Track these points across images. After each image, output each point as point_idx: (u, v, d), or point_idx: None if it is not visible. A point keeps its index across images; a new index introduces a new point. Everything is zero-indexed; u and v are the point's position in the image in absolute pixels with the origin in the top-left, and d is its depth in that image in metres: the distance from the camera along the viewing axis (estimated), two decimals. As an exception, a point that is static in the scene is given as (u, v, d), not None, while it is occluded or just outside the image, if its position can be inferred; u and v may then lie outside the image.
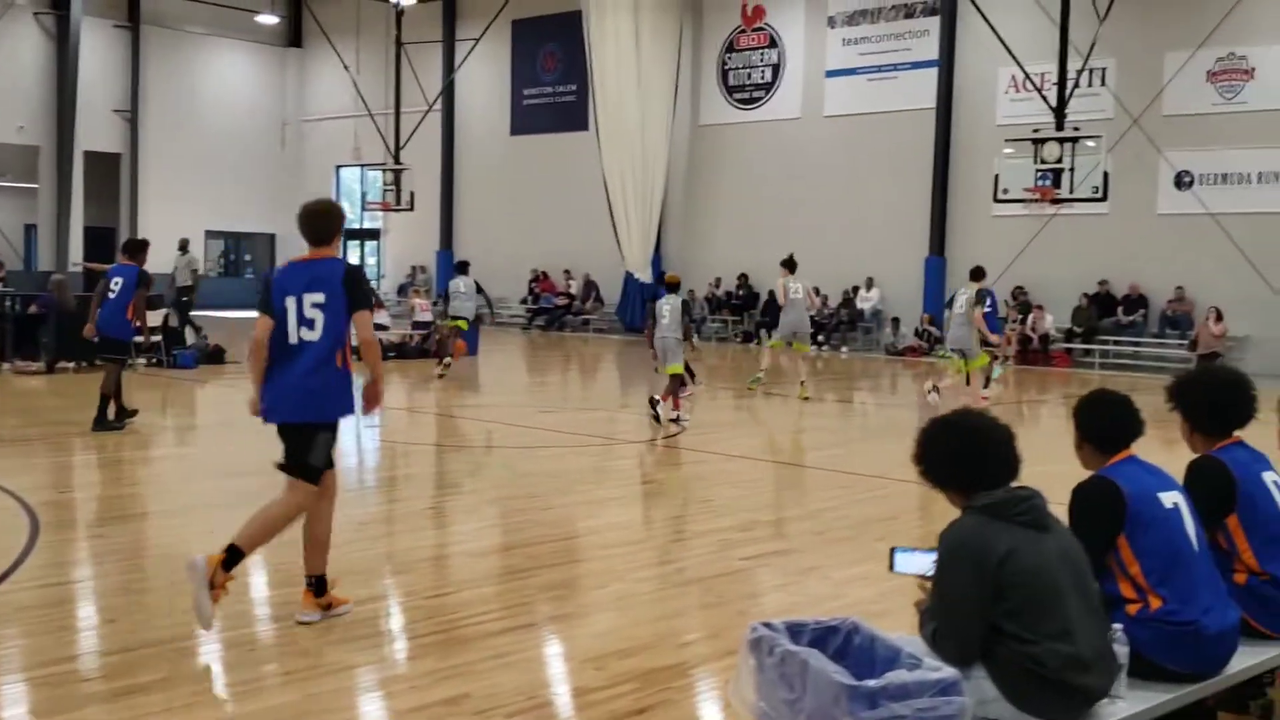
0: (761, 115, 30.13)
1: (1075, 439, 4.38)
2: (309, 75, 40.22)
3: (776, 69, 29.94)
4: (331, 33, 35.50)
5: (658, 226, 31.26)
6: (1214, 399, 4.62)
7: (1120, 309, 24.28)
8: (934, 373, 19.05)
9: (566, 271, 33.38)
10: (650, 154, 30.59)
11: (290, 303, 5.88)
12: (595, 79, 30.09)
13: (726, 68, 30.91)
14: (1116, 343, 24.15)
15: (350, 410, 5.99)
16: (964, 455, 3.70)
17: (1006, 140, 22.24)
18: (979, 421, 3.76)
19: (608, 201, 30.48)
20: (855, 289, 28.18)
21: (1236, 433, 4.64)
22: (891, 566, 4.04)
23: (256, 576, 6.82)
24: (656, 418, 14.21)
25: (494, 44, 34.09)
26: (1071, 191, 21.08)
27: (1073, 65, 21.98)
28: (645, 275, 31.22)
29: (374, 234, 39.31)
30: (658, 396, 14.42)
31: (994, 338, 16.69)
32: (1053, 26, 22.55)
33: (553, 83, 34.30)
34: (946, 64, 26.65)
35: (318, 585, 6.07)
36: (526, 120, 34.80)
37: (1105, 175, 20.68)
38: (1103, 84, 24.24)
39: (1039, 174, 21.28)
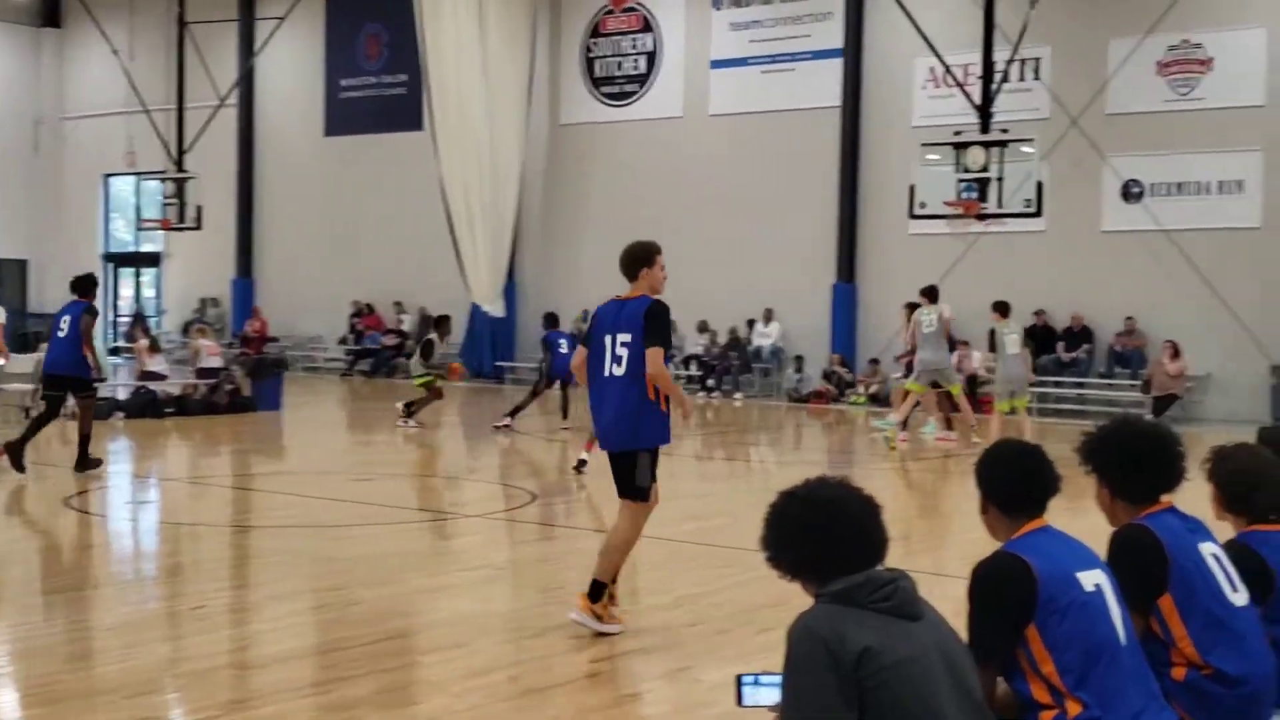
0: (635, 113, 30.37)
1: (979, 502, 4.39)
2: (70, 63, 39.36)
3: (652, 58, 30.23)
4: (97, 10, 34.70)
5: (510, 249, 31.21)
6: (1137, 458, 4.68)
7: (1061, 344, 24.90)
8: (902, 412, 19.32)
9: (397, 304, 33.09)
10: (500, 160, 30.56)
11: (607, 340, 8.09)
12: (430, 68, 30.01)
13: (592, 56, 31.11)
14: (1057, 384, 24.75)
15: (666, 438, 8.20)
16: (814, 534, 3.66)
17: (924, 144, 22.71)
18: (834, 493, 3.73)
19: (448, 219, 30.33)
20: (750, 323, 28.44)
21: (1165, 497, 4.70)
22: (739, 700, 3.99)
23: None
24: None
25: (303, 25, 33.79)
26: (1000, 205, 21.57)
27: (1000, 56, 22.55)
28: (496, 308, 31.11)
29: (153, 259, 38.48)
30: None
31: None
32: (976, 10, 23.15)
33: (377, 72, 34.13)
34: (853, 54, 27.19)
35: (594, 590, 8.04)
36: (345, 118, 34.51)
37: (1040, 185, 21.22)
38: (1036, 77, 24.97)
39: (962, 184, 21.74)
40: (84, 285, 14.93)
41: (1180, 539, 4.58)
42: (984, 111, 22.22)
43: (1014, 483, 4.35)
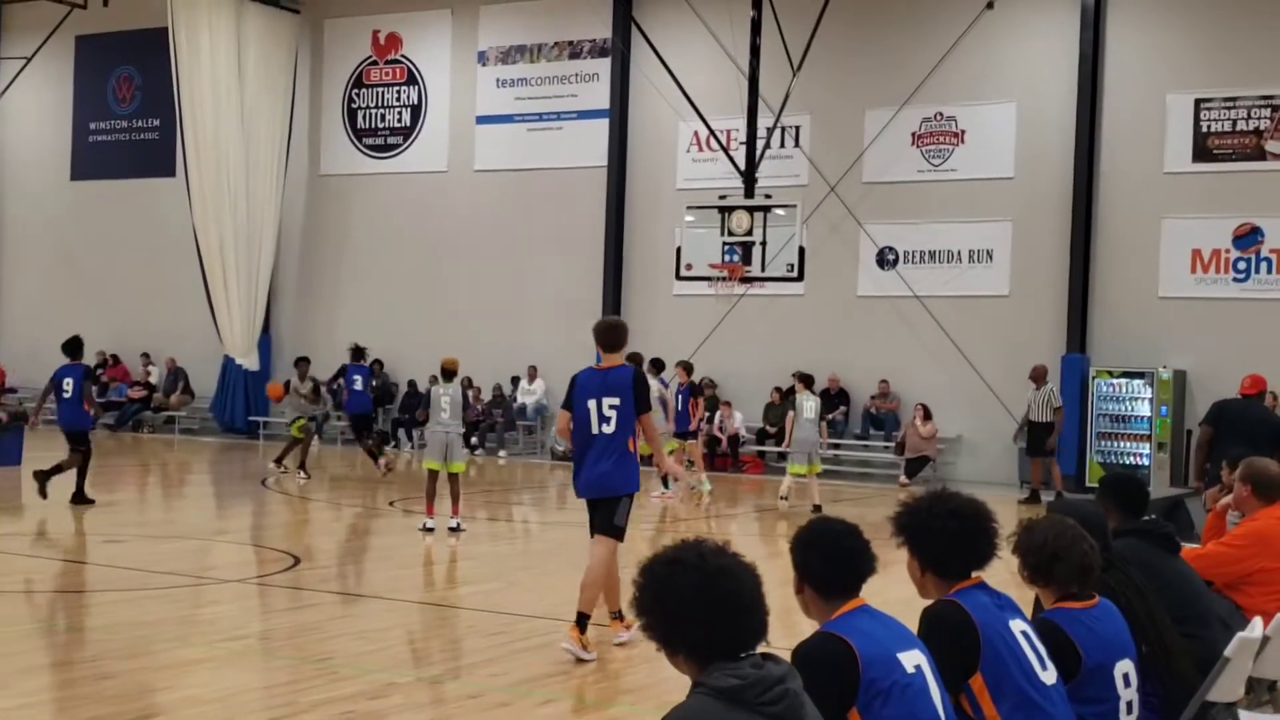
0: (399, 166, 29.98)
1: (794, 581, 4.25)
2: None
3: (417, 111, 29.92)
4: None
5: (266, 301, 30.36)
6: (949, 532, 4.62)
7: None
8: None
9: (145, 355, 31.81)
10: (257, 209, 29.76)
11: (591, 404, 9.36)
12: (185, 112, 29.08)
13: (354, 107, 30.62)
14: (814, 445, 25.11)
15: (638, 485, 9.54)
16: (704, 609, 3.39)
17: (690, 207, 22.97)
18: (725, 563, 3.47)
19: (201, 267, 29.36)
20: (515, 380, 28.22)
21: (976, 573, 4.66)
22: None
23: None
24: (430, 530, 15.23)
25: (51, 64, 32.50)
26: (764, 268, 21.94)
27: (763, 122, 23.04)
28: (250, 361, 30.17)
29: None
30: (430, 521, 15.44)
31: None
32: (739, 77, 23.60)
33: (129, 115, 32.96)
34: (619, 115, 27.39)
35: (580, 621, 9.30)
36: (93, 162, 33.18)
37: (801, 250, 21.65)
38: (796, 144, 25.54)
39: (726, 247, 22.05)
40: (74, 348, 17.87)
41: (991, 616, 4.53)
42: (748, 176, 22.62)
43: (833, 564, 4.23)
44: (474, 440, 27.63)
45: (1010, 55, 24.25)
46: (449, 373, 15.80)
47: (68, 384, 17.41)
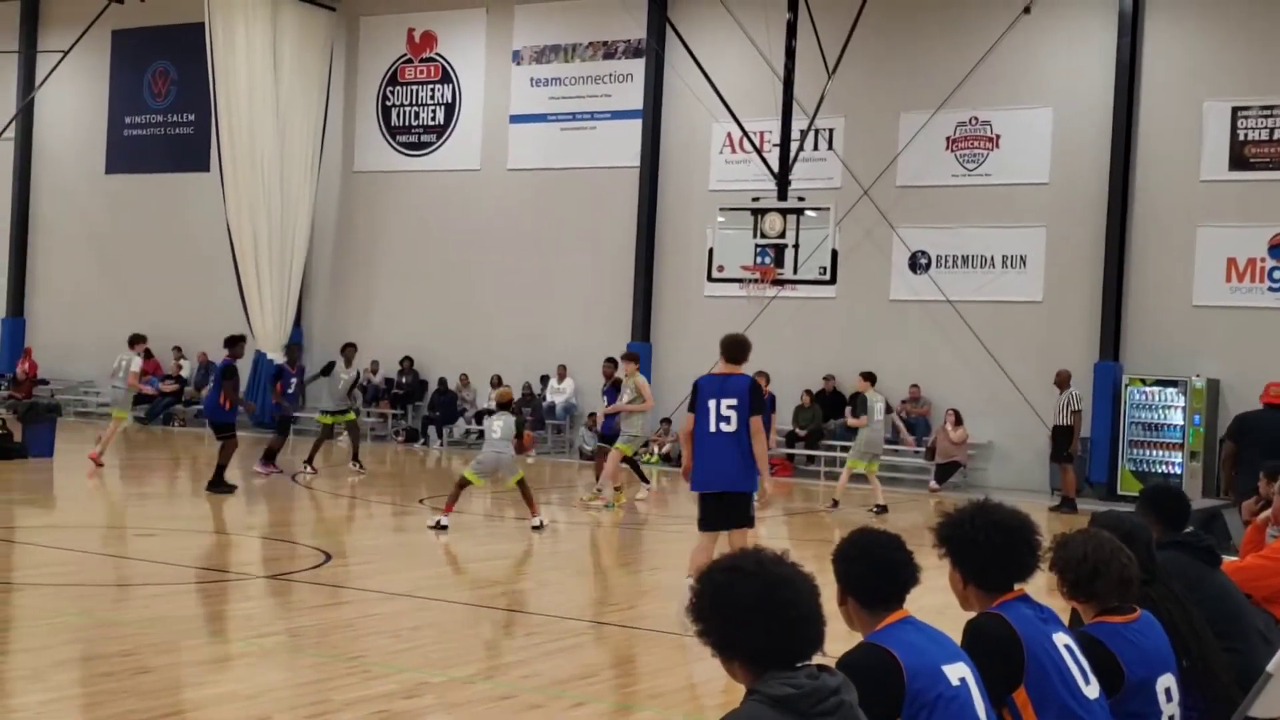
0: (432, 164, 30.03)
1: (837, 593, 4.24)
2: None
3: (451, 109, 29.97)
4: None
5: (299, 296, 30.45)
6: (993, 544, 4.59)
7: (848, 409, 25.25)
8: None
9: (177, 349, 31.95)
10: (290, 205, 29.85)
11: (711, 404, 10.39)
12: (220, 108, 29.18)
13: (389, 104, 30.69)
14: (844, 449, 25.05)
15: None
16: (763, 618, 3.40)
17: (723, 209, 22.93)
18: (785, 573, 3.48)
19: (234, 262, 29.46)
20: (544, 379, 28.25)
21: (1019, 585, 4.63)
22: None
23: None
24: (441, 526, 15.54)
25: (88, 58, 32.58)
26: (796, 271, 21.90)
27: (797, 124, 22.99)
28: (281, 356, 30.23)
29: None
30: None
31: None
32: (774, 79, 23.57)
33: (164, 110, 33.10)
34: (653, 115, 27.38)
35: None
36: (128, 156, 33.34)
37: (834, 253, 21.60)
38: (830, 147, 25.48)
39: (759, 249, 22.01)
40: (229, 342, 19.28)
41: (1034, 629, 4.51)
42: (782, 179, 22.57)
43: (876, 575, 4.22)
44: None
45: (1046, 60, 24.13)
46: (503, 404, 16.52)
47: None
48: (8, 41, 33.52)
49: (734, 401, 10.34)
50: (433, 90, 30.28)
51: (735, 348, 10.78)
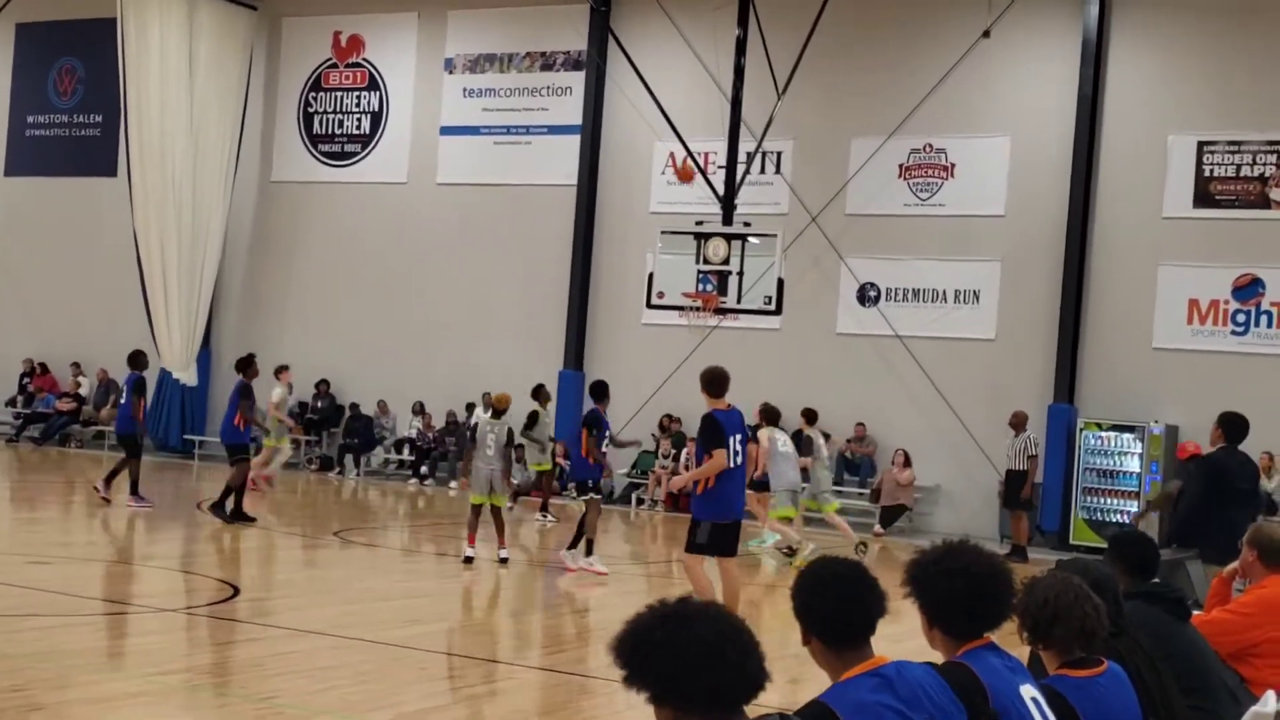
0: (356, 175, 29.88)
1: (801, 631, 4.21)
2: None
3: (378, 118, 29.86)
4: None
5: (209, 312, 30.14)
6: (963, 589, 4.59)
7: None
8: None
9: (75, 365, 31.53)
10: (203, 214, 29.58)
11: (733, 440, 11.84)
12: (131, 109, 28.92)
13: (311, 111, 30.54)
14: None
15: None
16: (678, 659, 3.36)
17: (665, 232, 22.92)
18: (697, 609, 3.43)
19: (140, 274, 29.15)
20: (470, 407, 28.09)
21: (988, 634, 4.64)
22: None
23: None
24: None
25: (-11, 51, 32.22)
26: (739, 300, 21.94)
27: (744, 146, 23.07)
28: (188, 376, 29.96)
29: None
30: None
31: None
32: (719, 98, 23.66)
33: (70, 110, 32.74)
34: (592, 131, 27.40)
35: None
36: (29, 157, 32.93)
37: (780, 282, 21.68)
38: (777, 171, 25.61)
39: (701, 276, 22.04)
40: (241, 365, 19.74)
41: (1001, 680, 4.51)
42: (727, 203, 22.64)
43: (836, 612, 4.18)
44: (423, 470, 27.53)
45: (1006, 87, 24.41)
46: (499, 411, 16.79)
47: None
48: (-98, 31, 33.03)
49: (740, 435, 12.02)
50: (358, 97, 30.16)
51: (726, 381, 12.31)
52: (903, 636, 4.25)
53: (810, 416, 20.97)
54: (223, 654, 10.71)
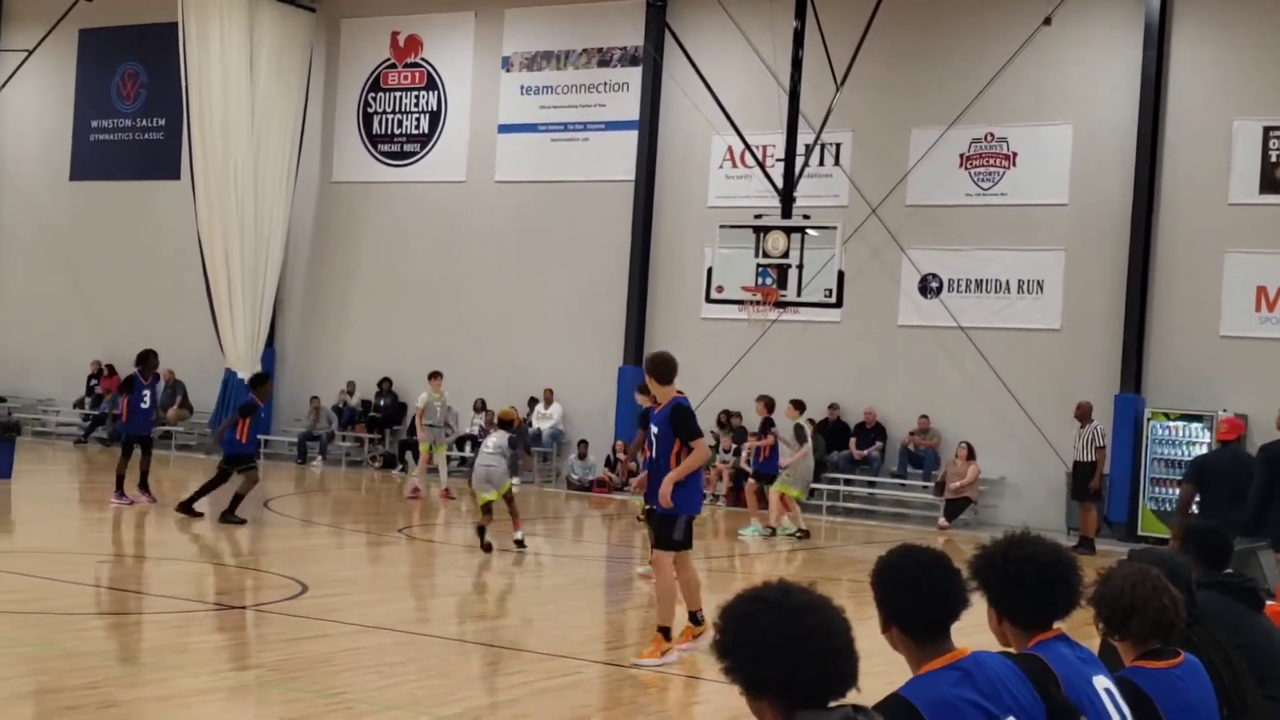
0: (415, 175, 30.01)
1: (880, 620, 4.18)
2: None
3: (436, 118, 29.97)
4: None
5: (272, 312, 30.39)
6: (1028, 580, 4.56)
7: (854, 440, 25.29)
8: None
9: (142, 367, 31.84)
10: (265, 216, 29.83)
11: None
12: (193, 113, 29.18)
13: (370, 111, 30.69)
14: (848, 482, 25.09)
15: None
16: (793, 649, 3.33)
17: (723, 226, 22.92)
18: (806, 601, 3.42)
19: (204, 276, 29.42)
20: (531, 403, 28.18)
21: (1057, 624, 4.60)
22: None
23: None
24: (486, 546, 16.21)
25: (53, 58, 32.58)
26: (799, 293, 21.89)
27: (803, 139, 23.01)
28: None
29: None
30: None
31: None
32: (776, 91, 23.60)
33: (134, 114, 33.08)
34: (649, 126, 27.38)
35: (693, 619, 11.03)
36: (94, 162, 33.29)
37: (841, 275, 21.61)
38: (836, 163, 25.50)
39: (760, 269, 22.00)
40: (253, 382, 19.69)
41: (1073, 671, 4.47)
42: (786, 196, 22.59)
43: (919, 602, 4.14)
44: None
45: (1068, 74, 24.18)
46: (505, 422, 17.09)
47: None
48: (-32, 39, 33.50)
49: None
50: (417, 97, 30.29)
51: (676, 366, 11.49)
52: (969, 630, 4.21)
53: (800, 406, 21.23)
54: (291, 650, 10.78)
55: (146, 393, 20.14)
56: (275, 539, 17.81)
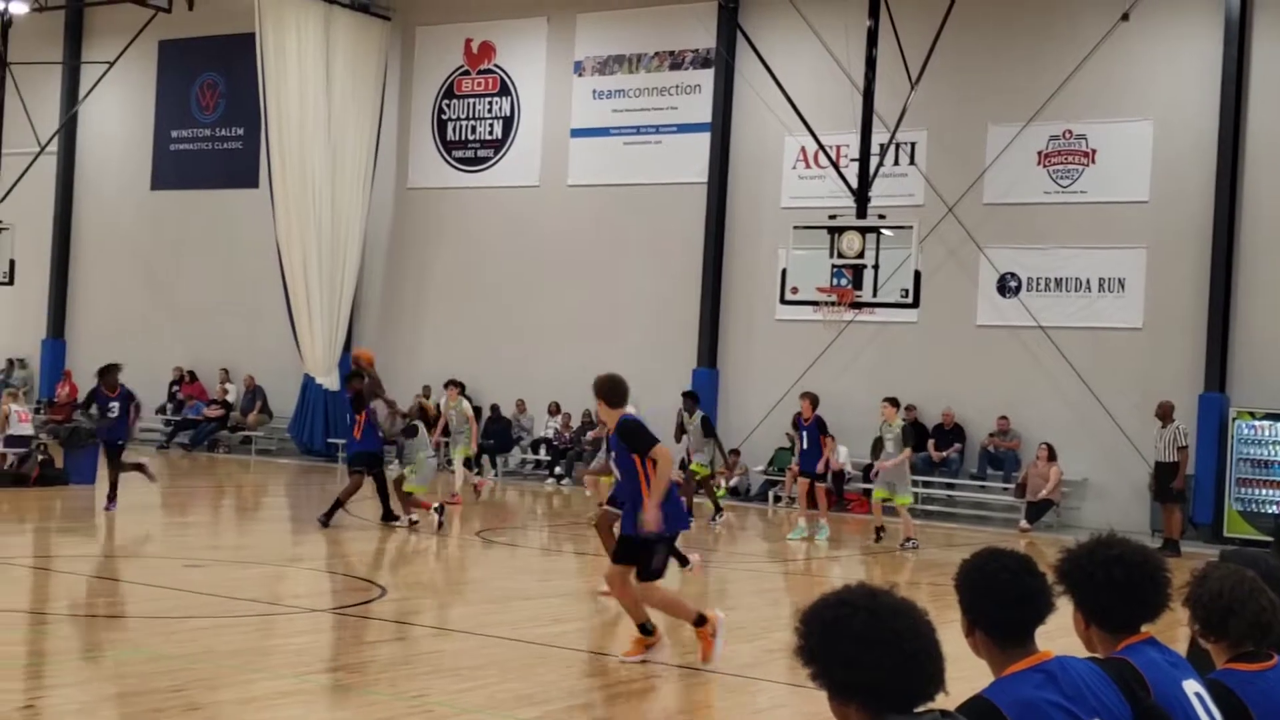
0: (489, 180, 30.12)
1: (964, 624, 4.11)
2: None
3: (509, 123, 30.07)
4: (-92, 44, 33.64)
5: (349, 318, 30.62)
6: (1116, 582, 4.47)
7: (932, 442, 25.08)
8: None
9: (223, 372, 32.21)
10: (342, 223, 30.05)
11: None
12: (270, 122, 29.45)
13: (444, 118, 30.85)
14: (927, 484, 24.89)
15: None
16: (879, 652, 3.29)
17: (797, 227, 22.81)
18: (895, 603, 3.38)
19: (283, 282, 29.68)
20: (605, 407, 28.14)
21: (1146, 628, 4.51)
22: None
23: None
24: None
25: (134, 70, 33.02)
26: (875, 293, 21.76)
27: (877, 138, 22.85)
28: (330, 381, 30.40)
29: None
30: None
31: None
32: (849, 90, 23.46)
33: (212, 124, 33.44)
34: (722, 128, 27.31)
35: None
36: (174, 171, 33.70)
37: (917, 275, 21.44)
38: (911, 162, 25.31)
39: (835, 270, 21.89)
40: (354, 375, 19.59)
41: (1164, 676, 4.37)
42: (861, 196, 22.46)
43: (1001, 606, 4.07)
44: (558, 470, 27.63)
45: (1147, 70, 23.84)
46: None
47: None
48: (52, 52, 33.94)
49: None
50: (490, 103, 30.40)
51: (627, 390, 10.91)
52: (1053, 635, 4.14)
53: (896, 404, 20.84)
54: (371, 653, 10.84)
55: (114, 404, 19.38)
56: (354, 542, 17.91)
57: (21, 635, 10.92)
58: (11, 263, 30.18)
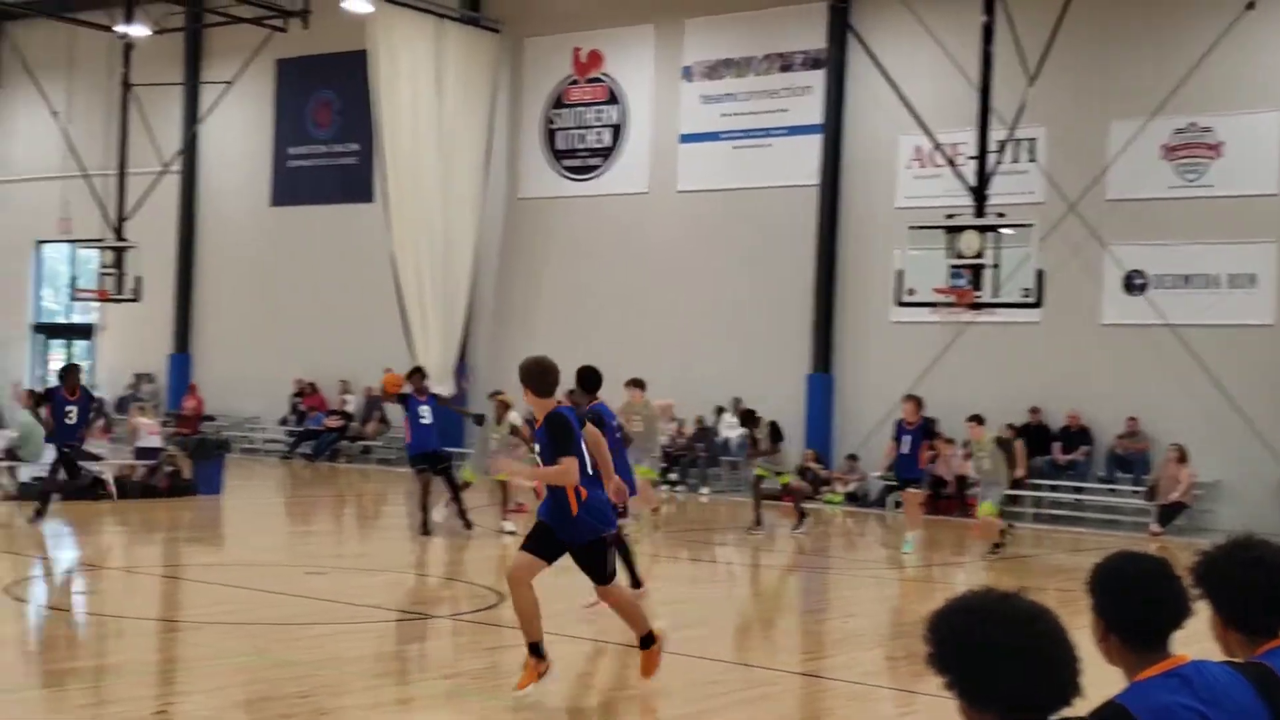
0: (598, 188, 30.17)
1: (1098, 629, 3.99)
2: (3, 122, 38.94)
3: (618, 131, 30.11)
4: (36, 67, 34.47)
5: (464, 327, 30.84)
6: (1256, 584, 4.32)
7: (1057, 444, 24.66)
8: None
9: (343, 383, 32.61)
10: (455, 234, 30.29)
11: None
12: (384, 137, 29.75)
13: (554, 127, 30.97)
14: (1053, 488, 24.47)
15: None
16: (1017, 659, 3.21)
17: (913, 227, 22.55)
18: (1030, 609, 3.29)
19: (398, 294, 29.96)
20: (719, 411, 28.11)
21: (1283, 632, 4.35)
22: None
23: None
24: None
25: (252, 89, 33.57)
26: (995, 293, 21.43)
27: (994, 135, 22.53)
28: (446, 389, 30.63)
29: (86, 330, 37.90)
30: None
31: None
32: (964, 87, 23.15)
33: (328, 140, 33.89)
34: (833, 130, 27.11)
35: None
36: (292, 187, 34.20)
37: (1040, 274, 21.09)
38: (1031, 159, 24.93)
39: (953, 270, 21.60)
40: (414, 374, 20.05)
41: (1306, 682, 4.20)
42: (979, 194, 22.15)
43: (1135, 609, 3.94)
44: (673, 476, 27.55)
45: (1273, 60, 23.20)
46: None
47: (424, 409, 19.15)
48: (172, 73, 34.60)
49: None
50: (599, 111, 30.47)
51: (557, 376, 10.60)
52: (1189, 640, 4.01)
53: (980, 420, 19.91)
54: (490, 659, 10.85)
55: (71, 408, 18.68)
56: (472, 549, 18.00)
57: (153, 642, 11.12)
58: (138, 280, 30.83)
